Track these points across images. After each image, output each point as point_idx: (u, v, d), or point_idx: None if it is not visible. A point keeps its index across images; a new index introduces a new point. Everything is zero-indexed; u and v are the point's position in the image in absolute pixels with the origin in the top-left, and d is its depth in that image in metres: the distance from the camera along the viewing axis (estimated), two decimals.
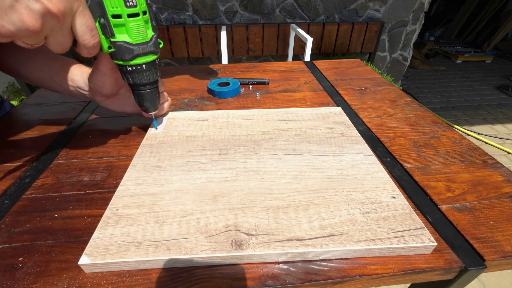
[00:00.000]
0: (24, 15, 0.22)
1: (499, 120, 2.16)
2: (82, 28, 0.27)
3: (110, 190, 0.33)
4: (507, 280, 1.08)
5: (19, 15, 0.22)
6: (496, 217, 0.30)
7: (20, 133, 0.45)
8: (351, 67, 0.72)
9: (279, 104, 0.53)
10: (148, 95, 0.38)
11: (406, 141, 0.43)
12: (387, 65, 2.33)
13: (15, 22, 0.22)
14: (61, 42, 0.27)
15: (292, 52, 1.91)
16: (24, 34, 0.23)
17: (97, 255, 0.24)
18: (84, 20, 0.27)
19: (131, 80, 0.35)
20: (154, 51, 0.34)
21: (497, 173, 0.36)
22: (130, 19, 0.30)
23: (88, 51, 0.29)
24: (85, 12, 0.26)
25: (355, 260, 0.26)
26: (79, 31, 0.27)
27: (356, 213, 0.29)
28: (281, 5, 1.93)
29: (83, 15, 0.26)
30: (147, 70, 0.35)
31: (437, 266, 0.25)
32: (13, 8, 0.21)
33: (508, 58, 3.35)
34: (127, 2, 0.29)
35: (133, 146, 0.41)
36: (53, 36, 0.26)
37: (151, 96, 0.38)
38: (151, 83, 0.37)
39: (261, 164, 0.36)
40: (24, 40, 0.24)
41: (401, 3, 2.01)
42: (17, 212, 0.30)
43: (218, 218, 0.28)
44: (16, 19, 0.22)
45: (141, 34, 0.32)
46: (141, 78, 0.35)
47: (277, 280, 0.24)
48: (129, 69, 0.34)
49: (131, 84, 0.37)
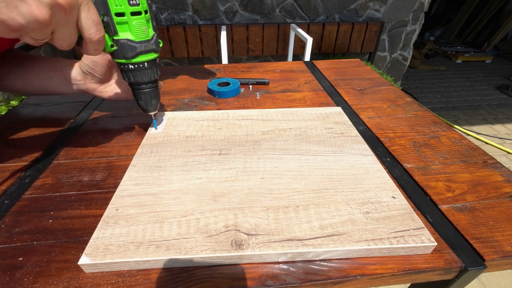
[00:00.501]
0: (34, 6, 0.22)
1: (499, 120, 2.16)
2: (88, 22, 0.27)
3: (110, 190, 0.33)
4: (507, 280, 1.08)
5: (29, 7, 0.22)
6: (496, 217, 0.30)
7: (20, 133, 0.45)
8: (351, 67, 0.72)
9: (279, 104, 0.53)
10: (148, 94, 0.38)
11: (406, 141, 0.43)
12: (387, 65, 2.34)
13: (25, 14, 0.22)
14: (67, 36, 0.27)
15: (292, 52, 1.91)
16: (33, 27, 0.23)
17: (97, 255, 0.24)
18: (89, 14, 0.27)
19: (133, 79, 0.35)
20: (155, 49, 0.35)
21: (497, 173, 0.36)
22: (133, 17, 0.31)
23: (94, 46, 0.29)
24: (90, 5, 0.27)
25: (355, 260, 0.26)
26: (84, 25, 0.27)
27: (356, 213, 0.29)
28: (281, 5, 1.93)
29: (89, 8, 0.27)
30: (148, 68, 0.35)
31: (437, 266, 0.25)
32: (23, 0, 0.22)
33: (508, 58, 3.35)
34: (130, 1, 0.30)
35: (133, 146, 0.41)
36: (59, 30, 0.26)
37: (151, 95, 0.38)
38: (152, 82, 0.37)
39: (261, 164, 0.36)
40: (32, 35, 0.24)
41: (401, 3, 2.01)
42: (17, 212, 0.30)
43: (218, 218, 0.28)
44: (26, 11, 0.22)
45: (143, 32, 0.32)
46: (143, 76, 0.35)
47: (277, 280, 0.24)
48: (130, 67, 0.34)
49: (132, 83, 0.37)
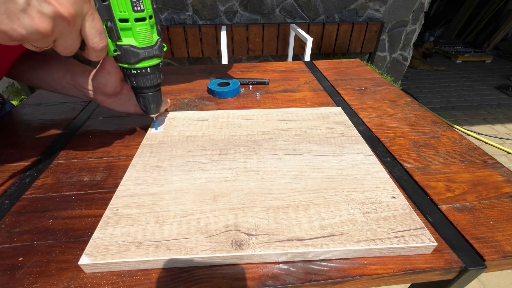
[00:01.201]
0: (36, 18, 0.22)
1: (499, 120, 2.17)
2: (92, 31, 0.27)
3: (110, 190, 0.33)
4: (507, 280, 1.08)
5: (31, 19, 0.22)
6: (496, 217, 0.30)
7: (20, 133, 0.45)
8: (351, 67, 0.72)
9: (279, 104, 0.53)
10: (151, 98, 0.38)
11: (406, 141, 0.43)
12: (387, 65, 2.34)
13: (26, 26, 0.22)
14: (70, 44, 0.27)
15: (292, 52, 1.91)
16: (35, 38, 0.23)
17: (97, 255, 0.24)
18: (93, 23, 0.27)
19: (135, 83, 0.35)
20: (158, 55, 0.34)
21: (497, 173, 0.36)
22: (137, 24, 0.31)
23: (97, 54, 0.29)
24: (94, 15, 0.27)
25: (355, 260, 0.26)
26: (88, 34, 0.27)
27: (356, 213, 0.29)
28: (281, 5, 1.93)
29: (93, 18, 0.27)
30: (151, 74, 0.35)
31: (437, 266, 0.25)
32: (25, 12, 0.21)
33: (508, 58, 3.35)
34: (135, 7, 0.30)
35: (133, 146, 0.41)
36: (62, 39, 0.26)
37: (153, 99, 0.38)
38: (155, 86, 0.37)
39: (261, 164, 0.36)
40: (34, 44, 0.24)
41: (401, 3, 2.01)
42: (17, 212, 0.30)
43: (218, 218, 0.28)
44: (28, 23, 0.22)
45: (147, 38, 0.32)
46: (145, 81, 0.35)
47: (277, 280, 0.24)
48: (133, 72, 0.34)
49: (135, 87, 0.37)
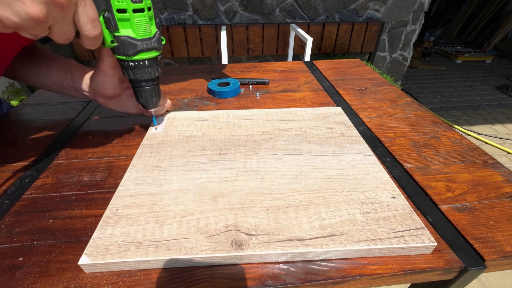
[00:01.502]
0: (28, 4, 0.22)
1: (499, 120, 2.17)
2: (84, 18, 0.27)
3: (110, 190, 0.33)
4: (507, 280, 1.08)
5: (23, 5, 0.22)
6: (496, 217, 0.30)
7: (20, 133, 0.45)
8: (351, 67, 0.72)
9: (279, 104, 0.53)
10: (149, 92, 0.37)
11: (406, 141, 0.43)
12: (387, 65, 2.34)
13: (19, 12, 0.22)
14: (65, 31, 0.27)
15: (292, 52, 1.91)
16: (29, 24, 0.23)
17: (97, 255, 0.24)
18: (86, 10, 0.27)
19: (133, 76, 0.35)
20: (157, 47, 0.34)
21: (497, 173, 0.36)
22: (135, 14, 0.30)
23: (90, 42, 0.29)
24: (87, 1, 0.27)
25: (355, 260, 0.26)
26: (81, 21, 0.27)
27: (356, 213, 0.29)
28: (281, 5, 1.93)
29: (85, 5, 0.26)
30: (149, 66, 0.35)
31: (437, 266, 0.25)
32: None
33: (508, 58, 3.35)
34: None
35: (133, 146, 0.41)
36: (57, 25, 0.26)
37: (151, 93, 0.38)
38: (152, 80, 0.37)
39: (261, 164, 0.36)
40: (29, 31, 0.24)
41: (401, 3, 2.01)
42: (17, 212, 0.30)
43: (218, 218, 0.28)
44: (21, 10, 0.22)
45: (145, 29, 0.32)
46: (143, 74, 0.35)
47: (277, 280, 0.24)
48: (131, 65, 0.34)
49: (132, 80, 0.36)
